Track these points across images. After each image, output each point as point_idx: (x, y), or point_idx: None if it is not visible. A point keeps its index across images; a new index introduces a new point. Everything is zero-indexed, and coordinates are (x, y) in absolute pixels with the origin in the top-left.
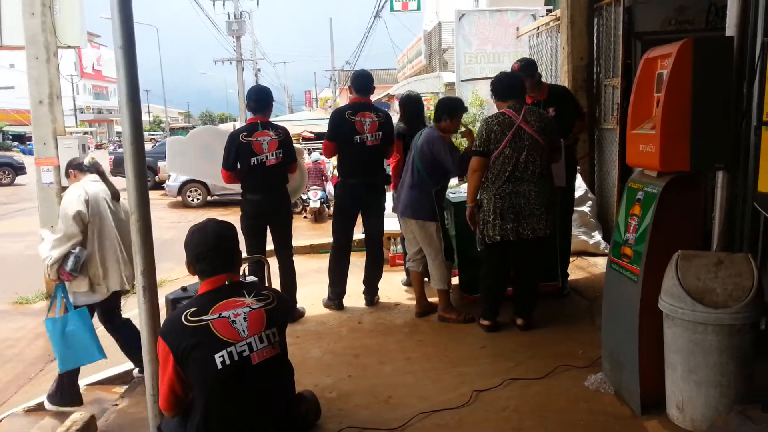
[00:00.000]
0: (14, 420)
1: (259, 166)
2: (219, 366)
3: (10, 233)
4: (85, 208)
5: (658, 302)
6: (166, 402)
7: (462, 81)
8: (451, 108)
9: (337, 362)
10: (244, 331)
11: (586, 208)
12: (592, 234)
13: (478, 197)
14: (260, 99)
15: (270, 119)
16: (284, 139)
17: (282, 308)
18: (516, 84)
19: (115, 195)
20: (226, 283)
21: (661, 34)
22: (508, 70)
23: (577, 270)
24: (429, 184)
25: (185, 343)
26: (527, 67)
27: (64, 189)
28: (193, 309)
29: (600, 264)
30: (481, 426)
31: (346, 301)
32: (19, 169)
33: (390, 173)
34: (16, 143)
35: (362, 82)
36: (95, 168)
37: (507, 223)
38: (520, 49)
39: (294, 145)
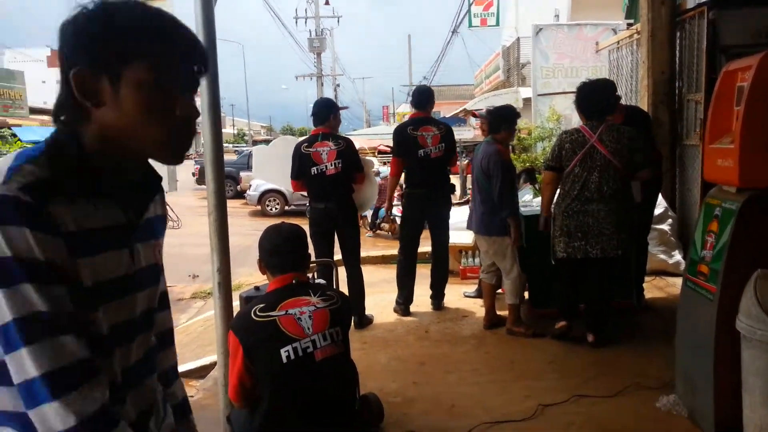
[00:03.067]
0: None
1: (320, 176)
2: (284, 360)
3: None
4: None
5: (734, 323)
6: (235, 392)
7: (539, 96)
8: (510, 117)
9: (403, 369)
10: (308, 328)
11: (666, 227)
12: (672, 253)
13: (552, 210)
14: (320, 111)
15: (337, 131)
16: (344, 149)
17: (345, 309)
18: (599, 103)
19: None
20: (294, 282)
21: (748, 48)
22: (576, 85)
23: (655, 290)
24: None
25: (254, 338)
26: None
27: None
28: (262, 305)
29: (678, 284)
30: None
31: (414, 310)
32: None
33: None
34: None
35: (421, 98)
36: None
37: (574, 241)
38: (598, 64)
39: (362, 156)
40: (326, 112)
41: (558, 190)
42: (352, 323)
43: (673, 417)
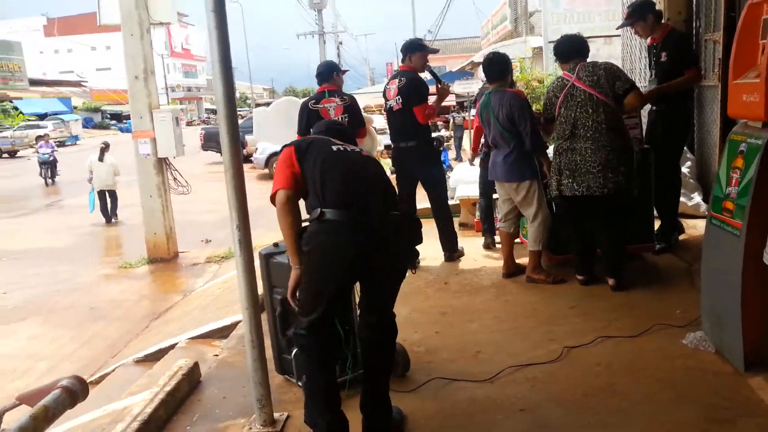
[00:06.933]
0: (126, 369)
1: None
2: (334, 149)
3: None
4: None
5: (761, 257)
6: (283, 178)
7: (549, 43)
8: (508, 61)
9: (425, 320)
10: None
11: (684, 169)
12: (691, 196)
13: None
14: (324, 71)
15: (341, 88)
16: (350, 105)
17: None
18: (571, 45)
19: None
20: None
21: None
22: (590, 30)
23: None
24: (522, 145)
25: (305, 142)
26: (634, 12)
27: (160, 160)
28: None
29: (699, 226)
30: (573, 381)
31: (431, 265)
32: None
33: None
34: (114, 122)
35: (321, 70)
36: None
37: (564, 179)
38: (611, 7)
39: (363, 113)
40: (329, 71)
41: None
42: None
43: (700, 353)
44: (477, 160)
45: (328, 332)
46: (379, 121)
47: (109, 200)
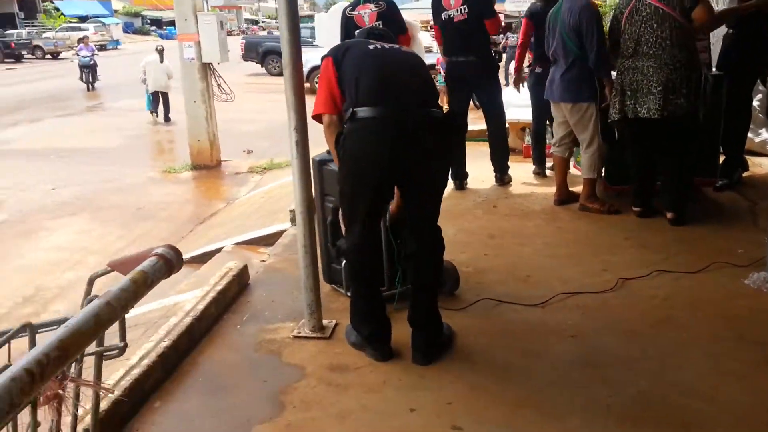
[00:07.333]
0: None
1: None
2: (370, 48)
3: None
4: None
5: None
6: (323, 101)
7: None
8: None
9: (473, 240)
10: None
11: (754, 102)
12: (759, 131)
13: None
14: None
15: None
16: (384, 11)
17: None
18: None
19: None
20: None
21: None
22: None
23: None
24: (584, 62)
25: (342, 49)
26: None
27: (205, 66)
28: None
29: (765, 165)
30: (627, 311)
31: (480, 187)
32: None
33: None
34: (153, 27)
35: None
36: None
37: (625, 100)
38: None
39: (408, 20)
40: None
41: None
42: None
43: (763, 294)
44: (525, 84)
45: (372, 247)
46: (424, 38)
47: (161, 102)
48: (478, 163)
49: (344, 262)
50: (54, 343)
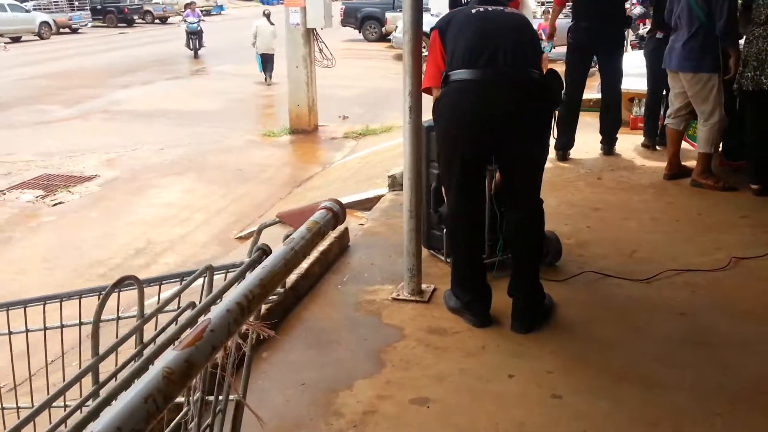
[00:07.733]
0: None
1: None
2: (473, 11)
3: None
4: None
5: None
6: (431, 75)
7: None
8: None
9: (575, 213)
10: None
11: None
12: None
13: None
14: None
15: None
16: None
17: None
18: None
19: None
20: None
21: None
22: None
23: None
24: (710, 30)
25: (447, 19)
26: None
27: (308, 31)
28: None
29: None
30: (740, 291)
31: (584, 157)
32: None
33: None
34: None
35: None
36: None
37: (748, 71)
38: None
39: None
40: None
41: None
42: None
43: None
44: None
45: (468, 215)
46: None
47: (268, 63)
48: (580, 134)
49: (444, 228)
50: (255, 281)
